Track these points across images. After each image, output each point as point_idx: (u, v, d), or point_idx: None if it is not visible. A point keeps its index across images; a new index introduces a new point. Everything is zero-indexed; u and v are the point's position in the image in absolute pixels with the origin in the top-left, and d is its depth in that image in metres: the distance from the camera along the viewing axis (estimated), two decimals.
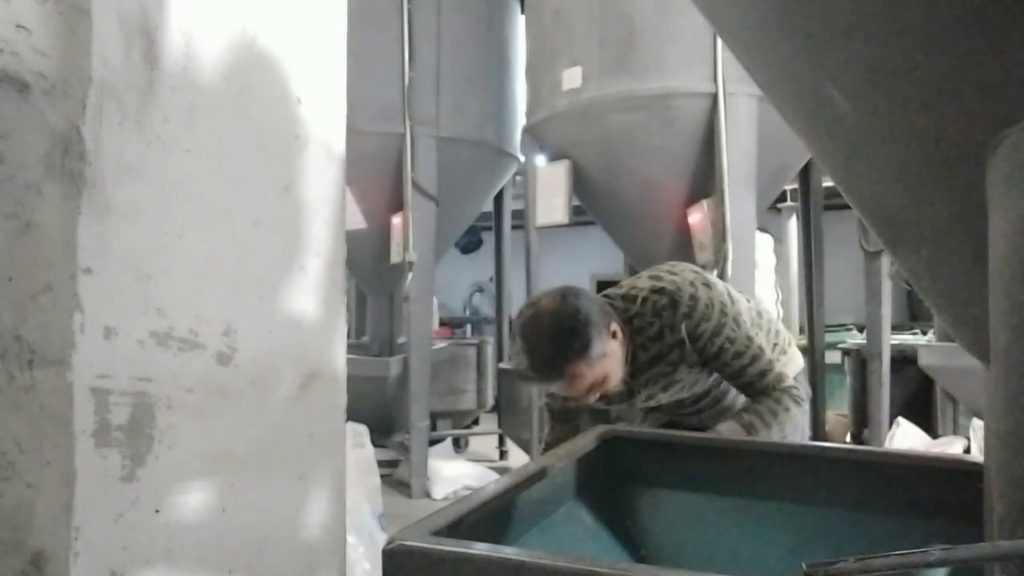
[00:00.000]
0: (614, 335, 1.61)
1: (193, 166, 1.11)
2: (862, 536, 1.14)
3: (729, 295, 1.75)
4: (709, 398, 1.85)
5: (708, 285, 1.71)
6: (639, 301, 1.70)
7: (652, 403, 1.83)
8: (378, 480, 2.61)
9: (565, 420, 1.92)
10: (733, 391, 1.85)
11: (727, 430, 1.62)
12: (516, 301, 6.34)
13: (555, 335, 1.50)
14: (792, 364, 1.91)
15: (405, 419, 4.49)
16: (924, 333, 6.26)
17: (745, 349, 1.67)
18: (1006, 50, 0.60)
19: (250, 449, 1.20)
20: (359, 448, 2.58)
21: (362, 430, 2.66)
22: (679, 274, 1.72)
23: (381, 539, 2.37)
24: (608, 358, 1.58)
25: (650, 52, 3.51)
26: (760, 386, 1.68)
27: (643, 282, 1.75)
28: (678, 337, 1.66)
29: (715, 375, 1.78)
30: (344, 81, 1.41)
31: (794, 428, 1.70)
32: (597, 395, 1.63)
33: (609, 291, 1.77)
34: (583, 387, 1.57)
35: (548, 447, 1.89)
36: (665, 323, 1.67)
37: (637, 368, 1.72)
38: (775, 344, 1.86)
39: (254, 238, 1.22)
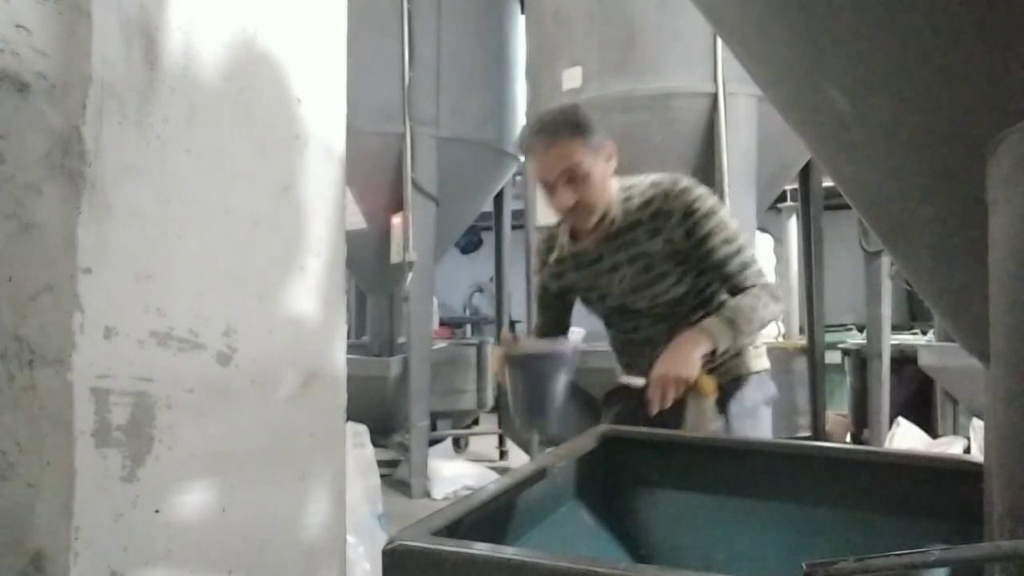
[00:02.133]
0: (609, 158, 1.71)
1: (193, 166, 1.11)
2: (862, 536, 1.14)
3: None
4: (669, 323, 1.79)
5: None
6: (639, 180, 1.79)
7: (616, 279, 1.79)
8: (378, 480, 2.61)
9: (547, 308, 2.00)
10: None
11: (710, 325, 1.63)
12: (516, 301, 6.36)
13: (561, 116, 1.71)
14: (762, 359, 1.89)
15: (405, 419, 4.48)
16: (924, 333, 6.26)
17: (734, 238, 1.71)
18: (1006, 50, 0.60)
19: (250, 449, 1.20)
20: (359, 448, 2.58)
21: (362, 430, 2.66)
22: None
23: (381, 539, 2.36)
24: (597, 173, 1.68)
25: (650, 52, 3.51)
26: (741, 278, 1.70)
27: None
28: (669, 207, 1.70)
29: (682, 288, 1.75)
30: (344, 81, 1.41)
31: (772, 321, 1.73)
32: (572, 210, 1.68)
33: None
34: (567, 174, 1.65)
35: (538, 331, 2.03)
36: (660, 191, 1.73)
37: (615, 231, 1.76)
38: None
39: (254, 238, 1.22)
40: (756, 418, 1.81)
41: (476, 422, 6.07)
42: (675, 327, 1.76)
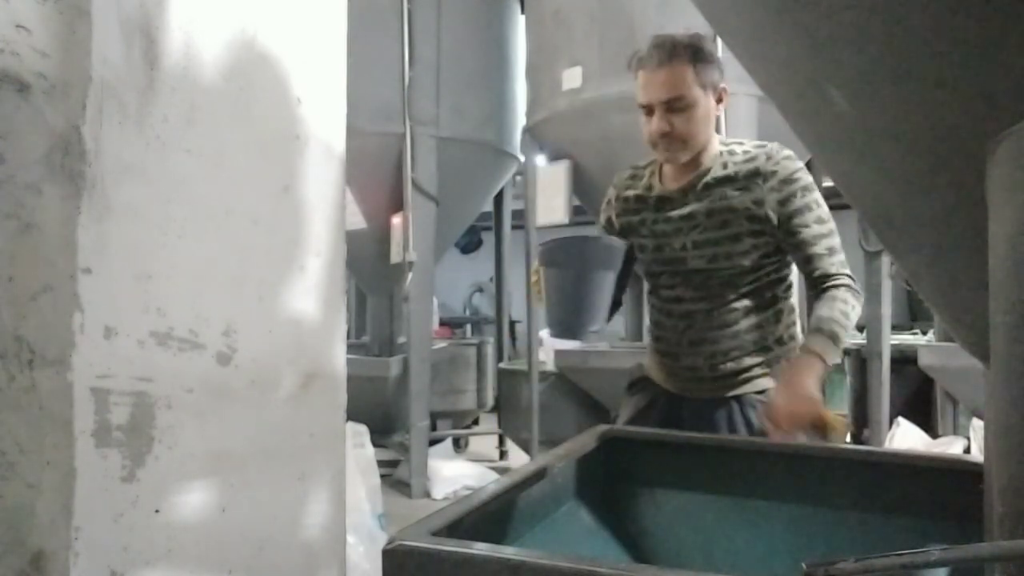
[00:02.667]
0: (719, 99, 1.65)
1: (193, 166, 1.11)
2: (862, 536, 1.14)
3: None
4: (712, 305, 1.68)
5: None
6: (745, 140, 1.72)
7: (686, 228, 1.69)
8: (378, 480, 2.62)
9: None
10: (731, 332, 1.68)
11: (818, 346, 1.55)
12: (516, 301, 6.36)
13: (685, 39, 1.63)
14: None
15: (405, 419, 4.48)
16: (924, 333, 6.26)
17: (827, 219, 1.64)
18: (1006, 50, 0.60)
19: (250, 449, 1.20)
20: (359, 448, 2.58)
21: (362, 430, 2.66)
22: None
23: (381, 539, 2.37)
24: (702, 110, 1.62)
25: None
26: (827, 262, 1.62)
27: None
28: (770, 168, 1.63)
29: (746, 261, 1.65)
30: (344, 81, 1.41)
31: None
32: (664, 139, 1.63)
33: None
34: (671, 103, 1.60)
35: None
36: (764, 152, 1.66)
37: (707, 182, 1.68)
38: None
39: (254, 238, 1.22)
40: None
41: (476, 422, 6.07)
42: (716, 313, 1.68)
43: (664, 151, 1.67)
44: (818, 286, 1.65)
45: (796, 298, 1.84)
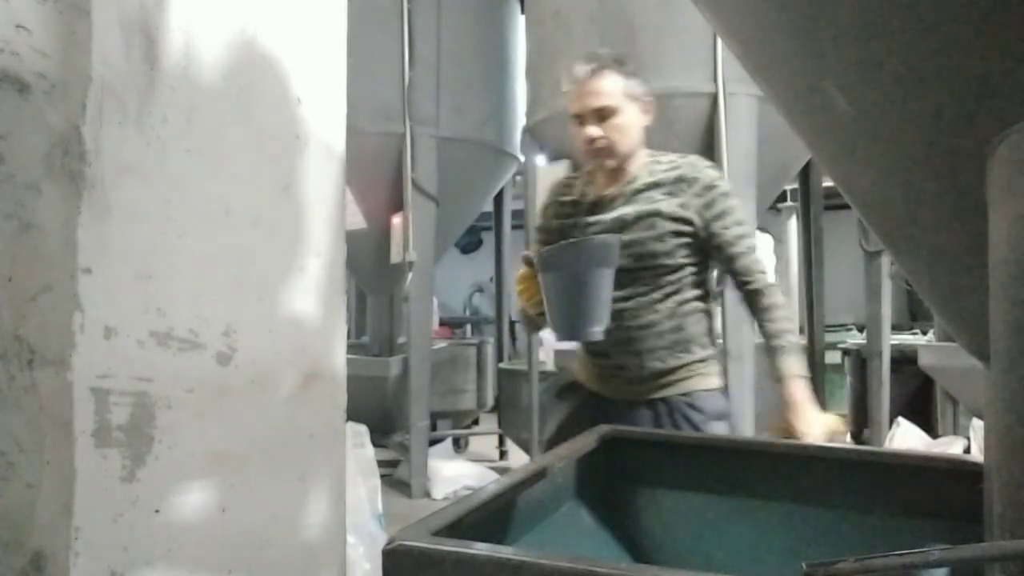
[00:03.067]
0: (646, 111, 1.82)
1: (193, 166, 1.11)
2: (862, 536, 1.14)
3: None
4: (635, 307, 1.78)
5: None
6: (670, 154, 1.88)
7: (614, 229, 1.78)
8: (378, 480, 2.61)
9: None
10: (656, 331, 1.78)
11: (796, 368, 1.67)
12: (515, 301, 6.35)
13: (611, 56, 1.81)
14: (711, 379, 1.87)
15: (405, 419, 4.49)
16: (924, 333, 6.26)
17: (745, 222, 1.80)
18: (1006, 50, 0.60)
19: (250, 449, 1.20)
20: (359, 448, 2.58)
21: (362, 430, 2.66)
22: None
23: (381, 539, 2.36)
24: (628, 118, 1.77)
25: (650, 52, 3.51)
26: (749, 260, 1.77)
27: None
28: (693, 175, 1.78)
29: (671, 261, 1.76)
30: (344, 81, 1.41)
31: None
32: (594, 144, 1.76)
33: None
34: (599, 112, 1.75)
35: None
36: (688, 162, 1.82)
37: (634, 189, 1.81)
38: None
39: (254, 238, 1.22)
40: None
41: (476, 422, 6.07)
42: (641, 312, 1.78)
43: (594, 157, 1.81)
44: (744, 285, 1.79)
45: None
